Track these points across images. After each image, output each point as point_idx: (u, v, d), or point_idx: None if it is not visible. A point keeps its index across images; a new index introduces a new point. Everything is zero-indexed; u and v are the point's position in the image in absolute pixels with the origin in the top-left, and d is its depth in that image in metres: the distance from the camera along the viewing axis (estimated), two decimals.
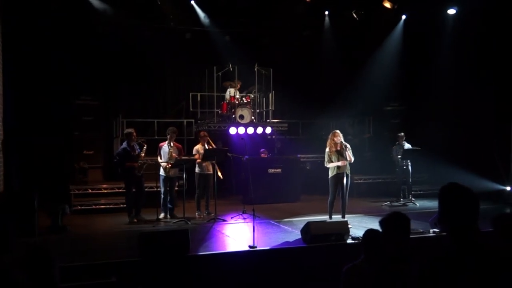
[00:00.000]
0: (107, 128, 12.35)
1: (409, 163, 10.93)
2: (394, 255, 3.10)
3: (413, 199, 10.89)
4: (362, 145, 13.71)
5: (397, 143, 11.16)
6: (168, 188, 9.17)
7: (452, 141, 12.28)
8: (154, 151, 9.38)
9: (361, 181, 12.34)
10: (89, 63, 11.97)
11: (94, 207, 10.03)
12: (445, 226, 2.31)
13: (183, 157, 9.33)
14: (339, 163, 7.97)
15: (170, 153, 9.06)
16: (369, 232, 3.61)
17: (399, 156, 10.85)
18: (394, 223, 3.14)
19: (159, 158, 9.16)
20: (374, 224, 8.39)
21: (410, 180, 11.00)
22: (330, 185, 8.15)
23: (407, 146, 10.97)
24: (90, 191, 10.46)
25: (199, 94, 13.06)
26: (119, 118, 12.14)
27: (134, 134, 8.91)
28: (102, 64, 12.35)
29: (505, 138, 10.85)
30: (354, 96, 13.44)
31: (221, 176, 9.14)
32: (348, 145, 8.06)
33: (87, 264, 5.76)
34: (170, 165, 8.96)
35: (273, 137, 13.32)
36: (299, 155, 12.14)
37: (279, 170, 11.28)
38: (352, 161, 8.05)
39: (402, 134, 11.09)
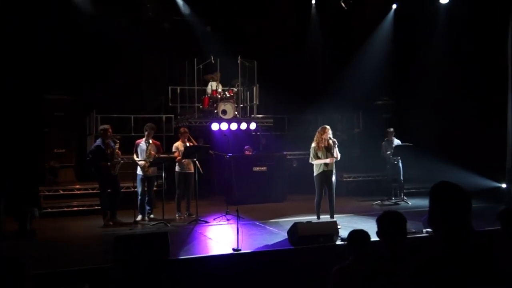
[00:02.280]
0: (80, 125, 12.18)
1: (400, 159, 11.04)
2: (388, 256, 3.12)
3: (405, 197, 10.99)
4: (351, 141, 13.79)
5: (386, 139, 11.23)
6: (146, 188, 9.10)
7: (445, 136, 12.44)
8: (131, 148, 9.29)
9: (350, 179, 12.42)
10: (61, 55, 11.77)
11: (66, 209, 9.90)
12: (436, 225, 2.33)
13: (161, 155, 9.26)
14: (327, 161, 7.99)
15: (148, 150, 8.98)
16: (353, 233, 3.65)
17: (389, 152, 10.94)
18: (390, 222, 3.16)
19: (135, 156, 9.08)
20: (364, 224, 8.57)
21: (402, 178, 11.09)
22: (316, 184, 8.16)
23: (396, 142, 11.05)
24: (61, 192, 10.32)
25: (178, 88, 12.97)
26: (93, 114, 11.98)
27: (110, 130, 8.81)
28: (75, 56, 12.15)
29: (497, 132, 11.04)
30: (343, 90, 13.50)
31: (201, 171, 9.11)
32: (337, 142, 8.10)
33: (57, 271, 5.65)
34: (148, 164, 8.89)
35: (258, 133, 13.30)
36: (285, 152, 12.15)
37: (264, 168, 11.29)
38: (339, 158, 8.09)
39: (392, 129, 11.18)
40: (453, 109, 12.42)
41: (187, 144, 9.39)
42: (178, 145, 9.42)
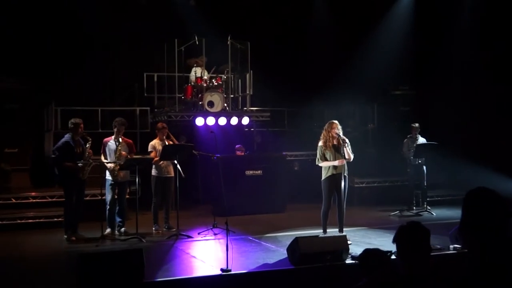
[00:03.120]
0: (37, 119, 12.13)
1: (424, 161, 11.05)
2: (409, 277, 3.10)
3: (428, 207, 11.03)
4: (364, 138, 13.83)
5: (409, 136, 11.22)
6: (116, 196, 9.06)
7: (476, 134, 12.47)
8: (98, 148, 9.24)
9: (363, 185, 12.45)
10: (13, 36, 11.69)
11: (19, 221, 9.83)
12: (469, 239, 2.31)
13: (135, 156, 9.23)
14: (336, 163, 7.99)
15: (118, 151, 8.93)
16: (368, 253, 3.62)
17: (411, 151, 10.94)
18: (411, 237, 3.14)
19: (103, 157, 9.03)
20: (380, 239, 8.57)
21: (425, 184, 11.13)
22: (323, 190, 8.17)
23: (421, 140, 11.07)
24: (13, 200, 10.25)
25: (156, 75, 12.94)
26: (51, 106, 11.93)
27: (82, 126, 8.77)
28: (31, 38, 12.07)
29: None
30: (354, 78, 13.52)
31: (183, 175, 9.10)
32: (347, 140, 8.10)
33: None
34: (118, 167, 8.85)
35: (252, 129, 13.28)
36: (285, 153, 12.15)
37: (259, 172, 11.28)
38: (351, 159, 8.09)
39: (417, 125, 11.16)
40: (486, 103, 12.46)
41: (166, 142, 9.35)
42: (155, 143, 9.38)
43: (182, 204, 9.26)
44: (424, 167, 11.07)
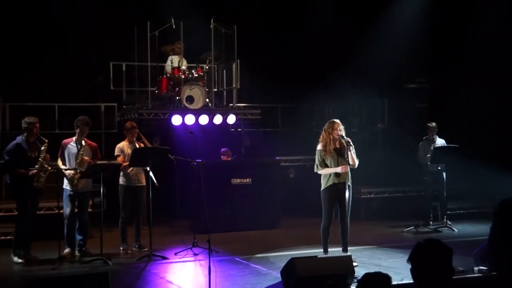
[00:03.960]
0: None
1: (443, 168, 11.09)
2: None
3: (449, 222, 11.05)
4: (372, 141, 13.86)
5: (425, 138, 11.26)
6: (76, 210, 9.01)
7: (506, 137, 12.49)
8: (55, 152, 9.19)
9: (371, 195, 12.48)
10: None
11: None
12: (499, 260, 2.31)
13: (99, 162, 9.19)
14: (338, 169, 7.99)
15: (79, 155, 8.89)
16: (368, 277, 3.62)
17: (428, 155, 10.96)
18: (430, 257, 3.14)
19: (61, 162, 8.99)
20: (391, 260, 8.51)
21: (445, 194, 11.17)
22: (323, 201, 8.17)
23: (440, 142, 11.12)
24: None
25: (124, 65, 12.92)
26: None
27: (38, 125, 8.72)
28: None
29: None
30: (361, 69, 13.55)
31: (157, 184, 9.06)
32: (352, 143, 8.10)
33: None
34: (79, 174, 8.81)
35: (239, 130, 13.26)
36: (278, 158, 12.16)
37: (248, 181, 11.27)
38: (356, 165, 8.10)
39: (434, 124, 11.21)
40: None
41: (137, 145, 9.33)
42: (124, 146, 9.34)
43: (155, 219, 9.21)
44: (444, 174, 11.11)
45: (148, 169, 9.01)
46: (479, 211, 11.80)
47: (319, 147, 8.13)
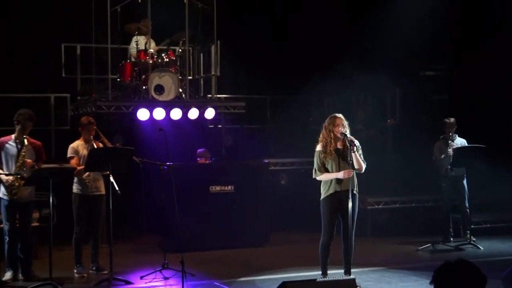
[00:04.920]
0: None
1: (465, 173, 11.13)
2: None
3: (473, 238, 11.10)
4: (381, 140, 13.87)
5: (441, 137, 11.29)
6: (17, 224, 8.98)
7: None
8: None
9: (380, 206, 12.47)
10: None
11: None
12: None
13: (46, 165, 9.14)
14: (340, 175, 7.99)
15: (21, 157, 8.85)
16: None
17: (443, 156, 10.96)
18: (459, 280, 3.14)
19: None
20: (404, 284, 8.47)
21: (467, 205, 11.21)
22: (322, 213, 8.16)
23: (460, 142, 11.16)
24: None
25: (79, 47, 12.90)
26: None
27: None
28: None
29: None
30: (367, 53, 13.55)
31: (119, 192, 9.02)
32: (357, 142, 8.11)
33: None
34: (21, 181, 8.76)
35: (220, 126, 13.25)
36: (267, 160, 12.15)
37: (230, 188, 11.24)
38: (363, 170, 8.10)
39: (452, 120, 11.23)
40: None
41: (94, 145, 9.29)
42: (78, 146, 9.29)
43: (117, 235, 9.19)
44: (465, 181, 11.16)
45: (108, 173, 8.99)
46: (509, 225, 11.85)
47: (318, 147, 8.13)
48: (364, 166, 8.09)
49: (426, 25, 13.36)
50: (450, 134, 11.12)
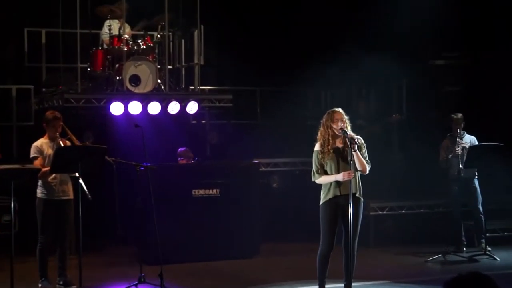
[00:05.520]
0: None
1: (475, 174, 11.18)
2: None
3: (488, 248, 11.13)
4: (386, 137, 13.89)
5: (449, 134, 11.33)
6: None
7: None
8: None
9: (384, 212, 12.49)
10: None
11: None
12: None
13: (5, 166, 9.12)
14: (339, 177, 7.98)
15: None
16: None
17: (450, 155, 11.01)
18: None
19: None
20: None
21: (481, 210, 11.24)
22: (321, 220, 8.15)
23: (468, 139, 11.19)
24: None
25: (44, 32, 12.87)
26: None
27: None
28: None
29: None
30: (370, 40, 13.54)
31: (89, 197, 9.01)
32: (361, 140, 8.11)
33: None
34: None
35: (204, 122, 13.24)
36: (257, 160, 12.15)
37: (215, 192, 11.24)
38: (367, 171, 8.10)
39: (459, 116, 11.23)
40: None
41: (61, 143, 9.27)
42: (43, 145, 9.26)
43: (87, 245, 9.19)
44: (476, 183, 11.21)
45: (77, 176, 8.98)
46: None
47: (316, 146, 8.12)
48: (368, 167, 8.11)
49: (437, 8, 13.36)
50: (458, 131, 11.17)
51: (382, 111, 14.33)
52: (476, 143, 11.13)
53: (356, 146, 7.96)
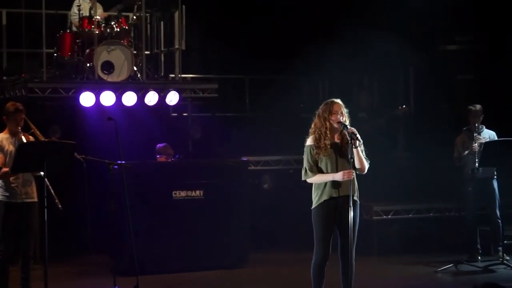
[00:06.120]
0: None
1: (494, 175, 11.21)
2: None
3: (506, 256, 11.14)
4: (391, 133, 13.89)
5: (465, 128, 11.36)
6: None
7: None
8: None
9: (389, 216, 12.50)
10: None
11: None
12: None
13: None
14: (338, 176, 7.97)
15: None
16: None
17: (466, 152, 11.04)
18: None
19: None
20: None
21: (499, 214, 11.26)
22: (314, 226, 8.13)
23: (487, 134, 11.21)
24: None
25: (4, 13, 12.83)
26: None
27: None
28: None
29: None
30: (373, 23, 13.55)
31: (57, 202, 9.01)
32: (358, 135, 8.12)
33: None
34: None
35: (185, 115, 13.27)
36: (245, 158, 12.18)
37: (198, 194, 11.24)
38: (366, 170, 8.11)
39: (478, 107, 11.26)
40: None
41: (24, 138, 9.26)
42: (3, 141, 9.23)
43: (54, 254, 9.18)
44: (495, 184, 11.24)
45: (42, 175, 8.99)
46: None
47: (309, 141, 8.12)
48: (367, 166, 8.08)
49: None
50: (476, 125, 11.15)
51: (386, 103, 14.36)
52: (496, 138, 11.15)
53: (357, 142, 7.99)
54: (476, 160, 10.94)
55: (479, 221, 11.48)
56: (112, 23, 12.13)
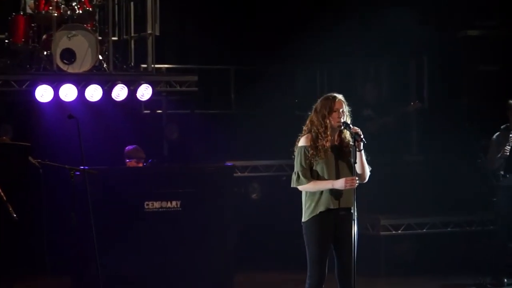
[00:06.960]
0: None
1: None
2: None
3: None
4: (402, 133, 13.95)
5: (503, 127, 11.42)
6: None
7: None
8: None
9: (399, 231, 12.56)
10: None
11: None
12: None
13: None
14: (339, 183, 7.92)
15: None
16: None
17: (499, 155, 11.10)
18: None
19: None
20: None
21: None
22: (307, 243, 8.11)
23: None
24: None
25: None
26: None
27: None
28: None
29: None
30: (380, 4, 13.63)
31: (11, 211, 9.10)
32: (362, 136, 8.17)
33: None
34: None
35: (160, 112, 13.35)
36: (230, 163, 12.25)
37: (175, 205, 11.29)
38: (367, 178, 8.15)
39: None
40: None
41: None
42: None
43: (7, 276, 9.26)
44: None
45: None
46: None
47: (302, 141, 8.15)
48: (368, 173, 8.12)
49: None
50: None
51: (396, 98, 14.46)
52: None
53: (362, 144, 8.02)
54: (499, 156, 11.10)
55: (509, 237, 11.49)
56: (74, 4, 12.16)
